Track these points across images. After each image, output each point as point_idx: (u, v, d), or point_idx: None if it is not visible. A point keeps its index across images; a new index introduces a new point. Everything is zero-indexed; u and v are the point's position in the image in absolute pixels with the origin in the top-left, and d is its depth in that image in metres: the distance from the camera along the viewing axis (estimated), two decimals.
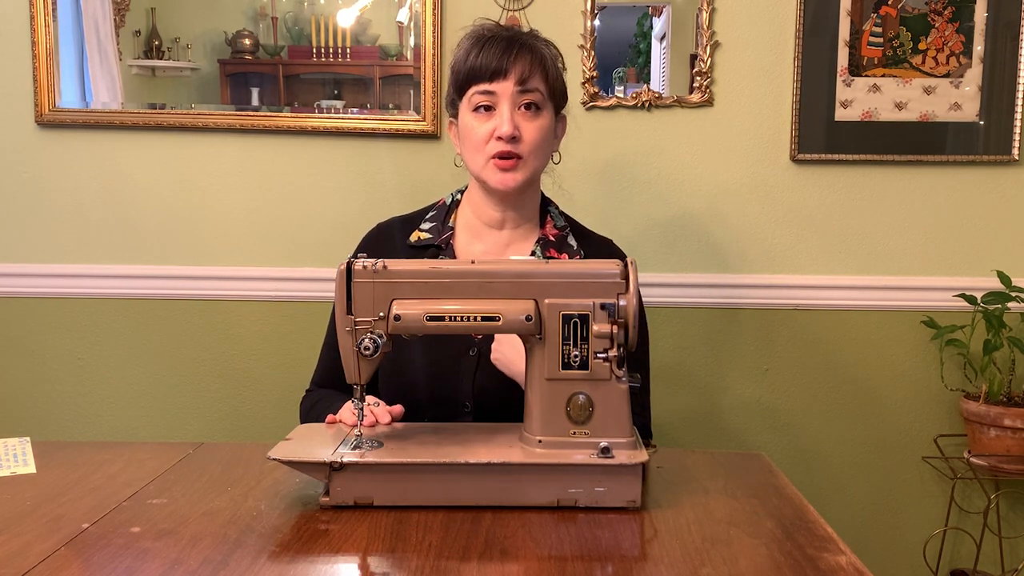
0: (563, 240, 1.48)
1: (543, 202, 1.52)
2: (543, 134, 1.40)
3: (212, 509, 1.09)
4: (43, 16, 1.98)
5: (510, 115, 1.37)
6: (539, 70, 1.39)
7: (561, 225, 1.50)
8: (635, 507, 1.09)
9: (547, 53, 1.42)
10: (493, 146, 1.38)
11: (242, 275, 2.07)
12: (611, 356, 1.10)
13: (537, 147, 1.40)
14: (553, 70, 1.42)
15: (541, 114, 1.40)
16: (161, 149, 2.05)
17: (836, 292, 2.04)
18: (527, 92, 1.38)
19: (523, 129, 1.38)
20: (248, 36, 2.04)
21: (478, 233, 1.48)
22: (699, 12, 1.98)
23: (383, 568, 0.94)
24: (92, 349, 2.10)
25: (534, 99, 1.38)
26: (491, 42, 1.39)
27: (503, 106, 1.37)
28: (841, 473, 2.09)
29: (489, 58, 1.37)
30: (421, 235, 1.48)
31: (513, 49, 1.38)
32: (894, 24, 1.97)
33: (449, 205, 1.51)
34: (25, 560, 0.94)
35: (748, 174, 2.02)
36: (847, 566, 0.93)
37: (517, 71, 1.37)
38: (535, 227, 1.49)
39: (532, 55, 1.39)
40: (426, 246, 1.46)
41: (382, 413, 1.27)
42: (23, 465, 1.25)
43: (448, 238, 1.47)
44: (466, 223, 1.49)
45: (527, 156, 1.39)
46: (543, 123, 1.40)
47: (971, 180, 2.02)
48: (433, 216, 1.50)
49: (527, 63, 1.38)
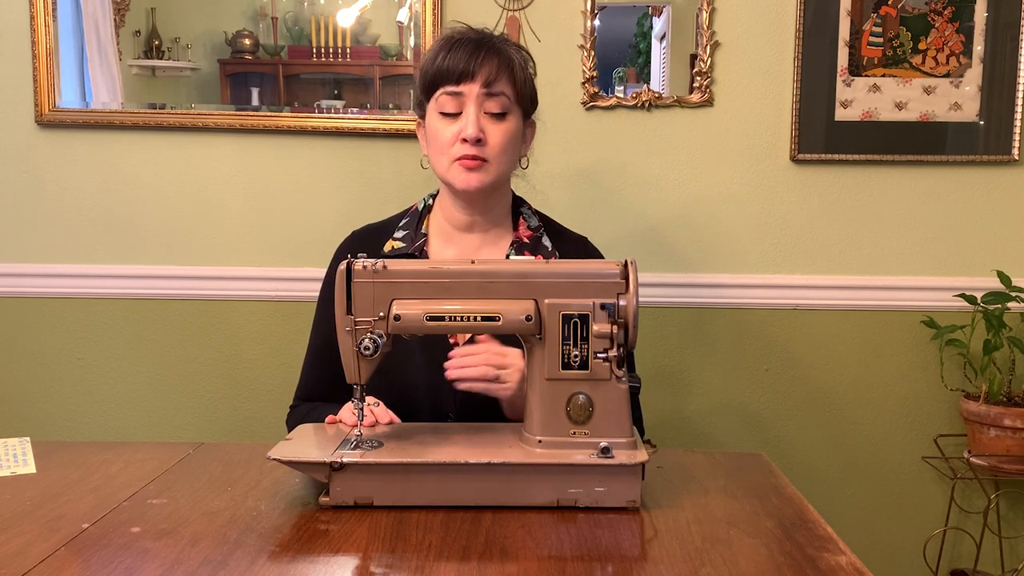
0: (537, 241, 1.47)
1: (515, 203, 1.51)
2: (508, 138, 1.39)
3: (212, 509, 1.09)
4: (43, 16, 1.98)
5: (476, 117, 1.36)
6: (506, 73, 1.38)
7: (535, 225, 1.49)
8: (635, 507, 1.09)
9: (516, 57, 1.41)
10: (458, 148, 1.37)
11: (242, 275, 2.07)
12: (611, 356, 1.10)
13: (502, 151, 1.39)
14: (521, 74, 1.41)
15: (507, 118, 1.39)
16: (161, 149, 2.05)
17: (836, 292, 2.04)
18: (493, 96, 1.37)
19: (488, 132, 1.37)
20: (248, 36, 2.04)
21: (450, 237, 1.47)
22: (699, 12, 1.98)
23: (383, 568, 0.94)
24: (92, 349, 2.10)
25: (500, 102, 1.38)
26: (459, 44, 1.38)
27: (469, 108, 1.36)
28: (841, 473, 2.09)
29: (456, 60, 1.37)
30: (395, 244, 1.47)
31: (480, 52, 1.37)
32: (894, 24, 1.97)
33: (421, 211, 1.51)
34: (25, 560, 0.94)
35: (748, 174, 2.02)
36: (847, 566, 0.93)
37: (484, 73, 1.36)
38: (507, 230, 1.48)
39: (499, 58, 1.38)
40: (400, 255, 1.44)
41: (382, 413, 1.27)
42: (23, 465, 1.25)
43: (422, 245, 1.46)
44: (438, 227, 1.48)
45: (492, 159, 1.38)
46: (509, 127, 1.39)
47: (971, 180, 2.01)
48: (406, 224, 1.50)
49: (494, 66, 1.37)
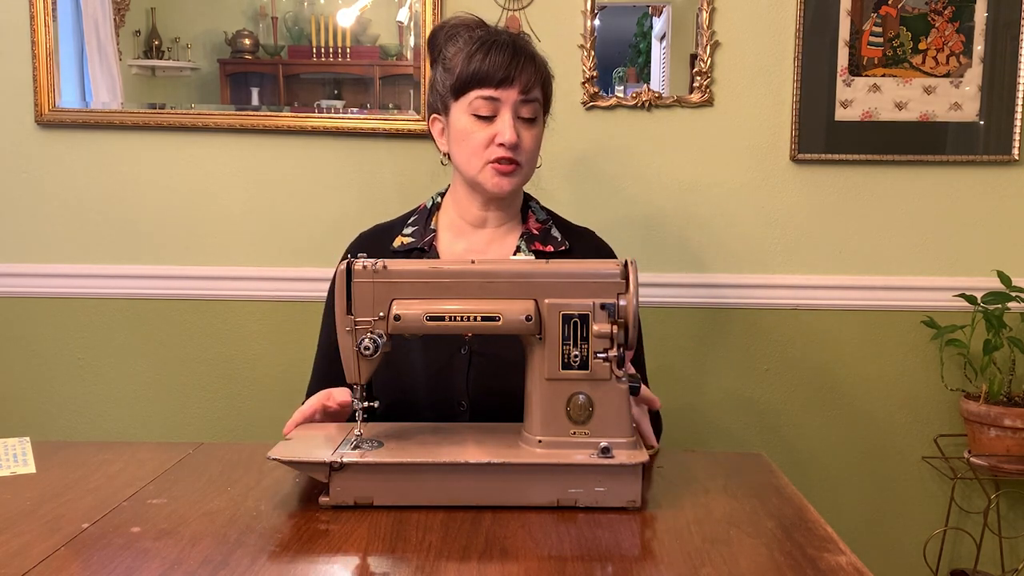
0: (547, 232, 1.50)
1: (525, 198, 1.54)
2: (538, 142, 1.44)
3: (212, 509, 1.09)
4: (43, 16, 1.98)
5: (512, 122, 1.38)
6: (539, 80, 1.41)
7: (543, 219, 1.52)
8: (635, 507, 1.09)
9: (545, 63, 1.44)
10: (493, 151, 1.39)
11: (242, 275, 2.07)
12: (611, 356, 1.10)
13: (532, 154, 1.43)
14: (548, 80, 1.45)
15: (537, 123, 1.43)
16: (161, 149, 2.05)
17: (836, 292, 2.04)
18: (528, 102, 1.39)
19: (522, 137, 1.40)
20: (248, 36, 2.04)
21: (461, 232, 1.49)
22: (699, 12, 1.98)
23: (383, 568, 0.94)
24: (92, 349, 2.10)
25: (533, 108, 1.40)
26: (496, 48, 1.38)
27: (505, 113, 1.38)
28: (841, 473, 2.09)
29: (496, 65, 1.37)
30: (404, 240, 1.49)
31: (520, 58, 1.39)
32: (894, 24, 1.97)
33: (430, 208, 1.52)
34: (25, 560, 0.94)
35: (748, 174, 2.02)
36: (847, 566, 0.93)
37: (523, 80, 1.38)
38: (517, 223, 1.51)
39: (535, 65, 1.41)
40: (409, 249, 1.47)
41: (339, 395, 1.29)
42: (23, 465, 1.25)
43: (431, 240, 1.48)
44: (449, 223, 1.50)
45: (524, 163, 1.42)
46: (539, 131, 1.44)
47: (971, 180, 2.01)
48: (415, 220, 1.52)
49: (531, 73, 1.39)
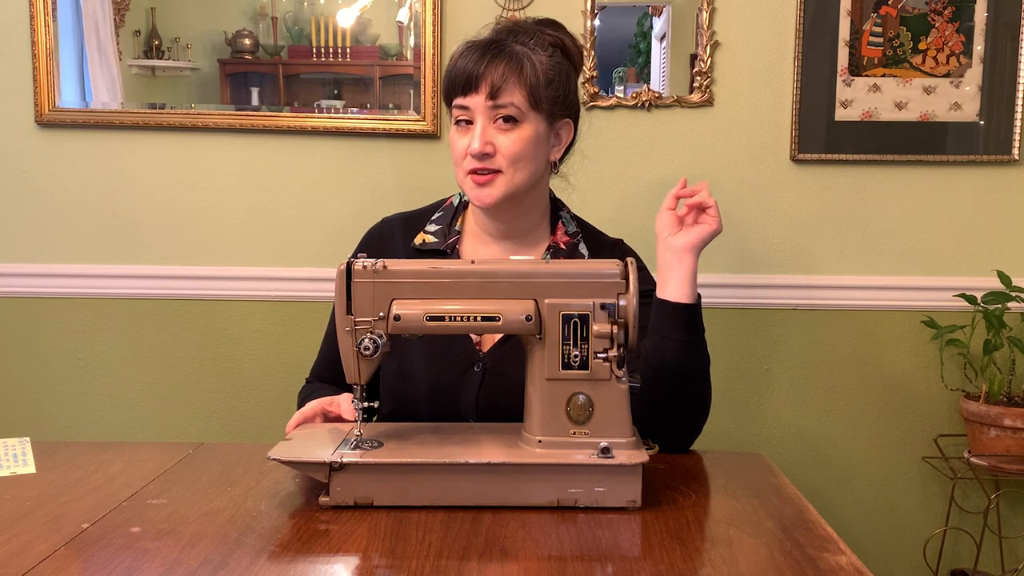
0: (574, 248, 1.41)
1: (555, 206, 1.45)
2: (523, 145, 1.30)
3: (212, 509, 1.09)
4: (43, 16, 1.98)
5: (482, 130, 1.29)
6: (514, 77, 1.29)
7: (572, 231, 1.43)
8: (635, 507, 1.09)
9: (534, 59, 1.31)
10: (468, 162, 1.31)
11: (242, 275, 2.07)
12: (611, 356, 1.10)
13: (516, 159, 1.30)
14: (535, 76, 1.30)
15: (520, 125, 1.30)
16: (161, 149, 2.05)
17: (836, 292, 2.04)
18: (499, 107, 1.29)
19: (498, 143, 1.30)
20: (248, 36, 2.04)
21: (483, 241, 1.42)
22: (699, 12, 1.98)
23: (383, 568, 0.94)
24: (92, 349, 2.10)
25: (508, 112, 1.29)
26: (468, 52, 1.31)
27: (478, 119, 1.30)
28: (841, 473, 2.09)
29: (459, 71, 1.30)
30: (427, 238, 1.41)
31: (486, 58, 1.29)
32: (894, 24, 1.97)
33: (457, 207, 1.45)
34: (25, 560, 0.94)
35: (748, 174, 2.02)
36: (847, 566, 0.93)
37: (487, 84, 1.28)
38: (544, 234, 1.43)
39: (508, 62, 1.29)
40: (431, 250, 1.40)
41: (346, 409, 1.26)
42: (23, 465, 1.25)
43: (455, 243, 1.41)
44: (472, 229, 1.43)
45: (505, 169, 1.30)
46: (523, 133, 1.30)
47: (971, 180, 2.01)
48: (440, 218, 1.44)
49: (499, 73, 1.28)
